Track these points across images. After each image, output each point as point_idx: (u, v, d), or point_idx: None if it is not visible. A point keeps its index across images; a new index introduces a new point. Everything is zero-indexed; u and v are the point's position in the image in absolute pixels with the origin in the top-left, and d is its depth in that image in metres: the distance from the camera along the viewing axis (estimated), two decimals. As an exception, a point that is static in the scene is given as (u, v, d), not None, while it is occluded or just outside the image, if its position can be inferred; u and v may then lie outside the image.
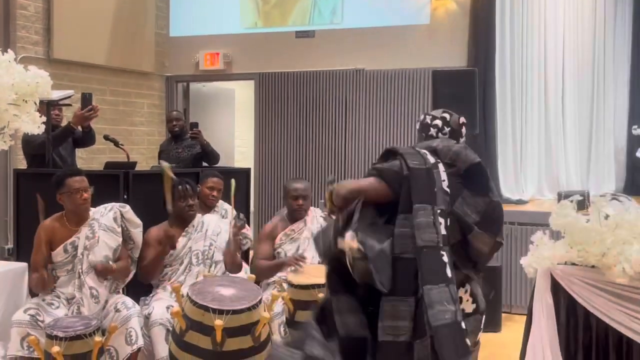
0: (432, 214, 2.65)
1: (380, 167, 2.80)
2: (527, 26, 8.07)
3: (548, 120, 8.17)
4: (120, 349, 3.83)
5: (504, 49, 7.90)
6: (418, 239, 2.62)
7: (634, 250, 3.98)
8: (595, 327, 4.15)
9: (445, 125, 3.01)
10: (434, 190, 2.69)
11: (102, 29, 8.07)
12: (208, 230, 4.46)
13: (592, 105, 8.26)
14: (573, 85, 8.24)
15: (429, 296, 2.57)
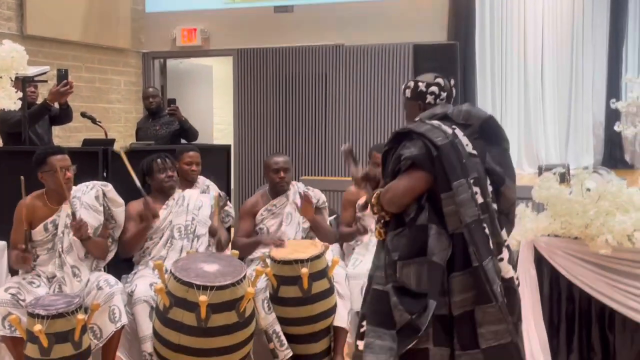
0: (468, 187, 2.66)
1: (411, 155, 2.72)
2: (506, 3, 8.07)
3: (527, 95, 8.23)
4: (103, 327, 3.79)
5: (483, 23, 7.92)
6: (465, 217, 2.64)
7: (616, 222, 4.01)
8: (578, 299, 4.19)
9: (442, 91, 2.94)
10: (463, 162, 2.68)
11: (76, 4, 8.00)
12: (189, 204, 4.43)
13: (571, 80, 8.33)
14: (552, 60, 8.30)
15: (484, 270, 2.63)
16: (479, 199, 2.66)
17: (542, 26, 8.24)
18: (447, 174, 2.65)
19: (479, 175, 2.70)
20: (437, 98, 2.93)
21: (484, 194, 2.70)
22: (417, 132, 2.73)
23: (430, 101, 2.92)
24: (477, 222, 2.64)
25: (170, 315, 3.73)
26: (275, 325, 4.09)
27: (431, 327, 2.64)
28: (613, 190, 4.17)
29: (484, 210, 2.67)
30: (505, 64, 8.10)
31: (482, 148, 2.79)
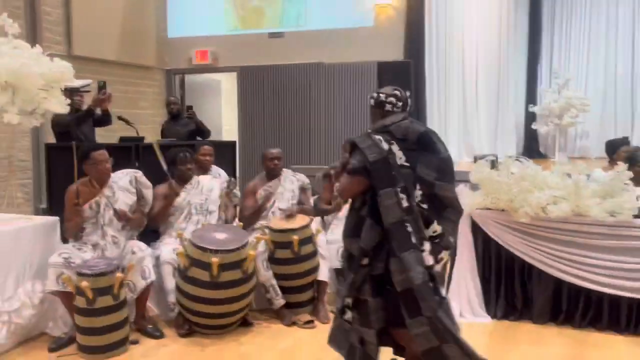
0: (394, 194, 2.58)
1: (353, 165, 2.68)
2: (449, 28, 8.08)
3: (465, 101, 8.25)
4: (137, 283, 3.77)
5: (431, 45, 7.90)
6: (387, 219, 2.58)
7: (534, 197, 4.05)
8: (505, 257, 4.22)
9: (398, 101, 2.85)
10: (392, 174, 2.61)
11: (112, 31, 7.89)
12: (203, 187, 4.40)
13: (498, 90, 8.37)
14: (484, 73, 8.34)
15: (407, 260, 2.55)
16: (404, 203, 2.57)
17: (476, 48, 8.26)
18: (376, 185, 2.61)
19: (407, 184, 2.62)
20: (394, 107, 2.83)
21: (409, 199, 2.61)
22: (359, 147, 2.68)
23: (388, 109, 2.83)
24: (399, 222, 2.57)
25: (189, 273, 3.73)
26: (272, 280, 4.11)
27: (368, 284, 2.64)
28: (531, 173, 4.20)
29: (408, 213, 2.58)
30: (448, 76, 8.10)
31: (415, 159, 2.69)
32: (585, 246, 3.93)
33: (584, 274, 3.92)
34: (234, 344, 3.76)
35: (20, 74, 3.57)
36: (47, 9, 6.88)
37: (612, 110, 8.18)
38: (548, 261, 4.03)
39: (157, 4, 8.85)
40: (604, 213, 3.87)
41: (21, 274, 3.72)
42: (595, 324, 3.97)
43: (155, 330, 3.87)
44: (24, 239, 3.76)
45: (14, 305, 3.60)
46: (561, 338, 3.84)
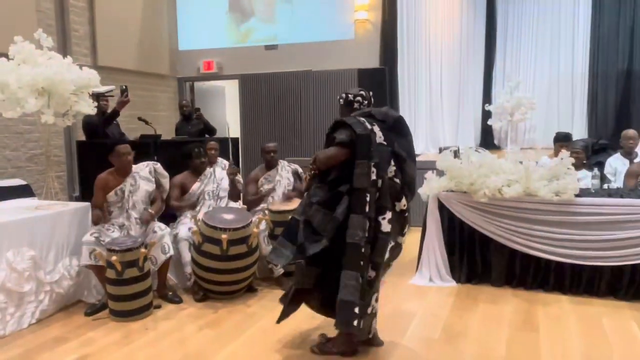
0: (367, 167, 2.62)
1: (341, 138, 2.67)
2: (417, 39, 8.05)
3: (431, 100, 8.23)
4: (158, 257, 3.76)
5: (403, 53, 7.87)
6: (355, 183, 2.63)
7: (491, 181, 4.07)
8: (467, 231, 4.23)
9: (364, 100, 2.92)
10: (371, 149, 2.64)
11: (132, 44, 7.79)
12: (215, 177, 4.38)
13: (459, 90, 8.36)
14: (447, 77, 8.32)
15: (353, 221, 2.61)
16: (372, 176, 2.62)
17: (440, 56, 8.24)
18: (357, 154, 2.63)
19: (381, 160, 2.66)
20: (361, 105, 2.90)
21: (379, 174, 2.64)
22: (347, 123, 2.70)
23: (356, 107, 2.89)
24: (362, 190, 2.60)
25: (203, 248, 3.72)
26: (272, 253, 4.10)
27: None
28: (488, 160, 4.22)
29: (372, 185, 2.62)
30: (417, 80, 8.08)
31: (392, 138, 2.76)
32: (535, 221, 3.97)
33: (533, 244, 3.97)
34: (242, 306, 3.77)
35: (54, 81, 3.52)
36: (75, 26, 6.77)
37: (555, 108, 8.25)
38: (503, 234, 4.06)
39: (170, 21, 8.74)
40: (551, 193, 3.91)
41: (60, 250, 3.70)
42: (544, 285, 4.02)
43: (175, 297, 3.88)
44: (62, 222, 3.74)
45: (55, 277, 3.59)
46: (515, 298, 3.88)
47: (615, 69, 7.72)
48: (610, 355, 2.92)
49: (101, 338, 3.25)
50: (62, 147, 6.59)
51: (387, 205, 2.68)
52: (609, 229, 3.78)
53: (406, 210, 2.79)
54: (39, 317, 3.49)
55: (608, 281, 3.85)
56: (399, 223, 2.78)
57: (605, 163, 5.24)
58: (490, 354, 2.96)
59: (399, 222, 2.78)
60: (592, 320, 3.43)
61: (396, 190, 2.72)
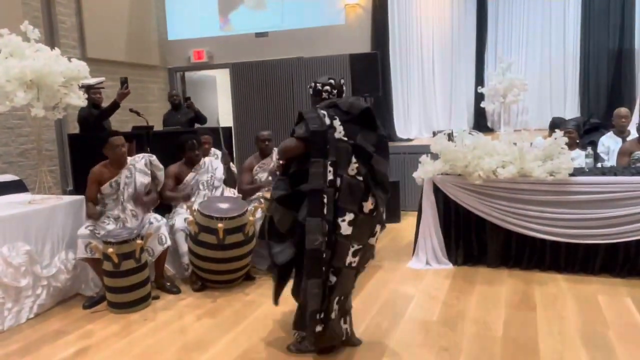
0: (322, 166, 2.48)
1: (298, 132, 2.57)
2: (409, 22, 7.99)
3: (424, 85, 8.20)
4: (154, 248, 3.76)
5: (394, 38, 7.80)
6: (309, 184, 2.50)
7: (485, 163, 4.08)
8: (462, 213, 4.25)
9: (333, 89, 2.79)
10: (327, 147, 2.50)
11: (120, 35, 7.70)
12: (209, 167, 4.35)
13: (452, 74, 8.35)
14: (439, 60, 8.29)
15: (310, 225, 2.48)
16: (329, 176, 2.48)
17: (432, 39, 8.20)
18: (312, 152, 2.52)
19: (339, 158, 2.50)
20: (330, 94, 2.78)
21: (337, 173, 2.49)
22: (304, 117, 2.60)
23: (325, 97, 2.77)
24: (318, 190, 2.47)
25: (199, 238, 3.73)
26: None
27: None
28: (482, 142, 4.22)
29: (330, 185, 2.48)
30: (409, 64, 8.02)
31: (355, 132, 2.56)
32: (530, 202, 3.99)
33: (528, 224, 3.99)
34: (240, 294, 3.78)
35: (43, 73, 3.46)
36: (62, 18, 6.67)
37: (548, 89, 8.26)
38: (499, 215, 4.08)
39: (158, 11, 8.63)
40: (545, 173, 3.93)
41: (56, 244, 3.70)
42: (540, 265, 4.05)
43: (173, 287, 3.88)
44: (57, 215, 3.73)
45: (52, 271, 3.58)
46: (511, 278, 3.91)
47: (607, 48, 7.73)
48: (606, 332, 2.95)
49: (100, 330, 3.25)
50: (53, 140, 6.53)
51: (348, 206, 2.51)
52: (603, 207, 3.81)
53: (375, 209, 2.58)
54: (37, 312, 3.49)
55: (603, 259, 3.89)
56: (367, 225, 2.59)
57: (598, 142, 5.26)
58: (487, 334, 2.98)
59: (367, 223, 2.59)
60: (588, 298, 3.46)
61: (360, 189, 2.53)
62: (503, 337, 2.93)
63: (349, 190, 2.51)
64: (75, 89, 3.78)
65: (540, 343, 2.84)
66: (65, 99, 3.67)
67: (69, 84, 3.69)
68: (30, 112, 3.56)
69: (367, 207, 2.56)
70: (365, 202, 2.55)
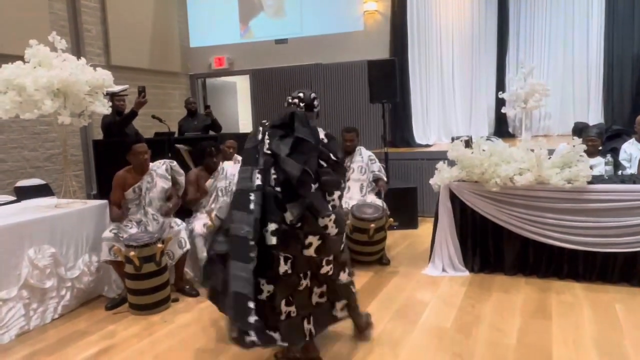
0: (250, 171, 2.55)
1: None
2: (428, 28, 8.02)
3: (443, 90, 8.21)
4: (175, 252, 3.87)
5: (413, 44, 7.85)
6: (237, 185, 2.60)
7: (502, 170, 4.08)
8: (479, 220, 4.25)
9: (300, 102, 2.84)
10: (256, 157, 2.58)
11: (144, 43, 7.91)
12: (227, 173, 4.43)
13: (472, 79, 8.32)
14: (459, 66, 8.27)
15: (234, 216, 2.51)
16: (256, 181, 2.52)
17: (452, 44, 8.21)
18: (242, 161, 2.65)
19: (266, 167, 2.55)
20: (298, 107, 2.81)
21: (264, 179, 2.53)
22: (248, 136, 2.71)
23: (293, 109, 2.79)
24: (245, 191, 2.52)
25: (217, 242, 3.79)
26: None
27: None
28: (499, 149, 4.22)
29: (257, 189, 2.50)
30: (428, 70, 8.06)
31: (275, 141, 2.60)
32: (547, 209, 3.98)
33: (546, 232, 3.98)
34: (257, 299, 3.85)
35: (69, 82, 3.62)
36: (88, 27, 6.90)
37: (570, 94, 8.18)
38: (516, 223, 4.08)
39: (180, 19, 8.85)
40: (562, 181, 3.91)
41: (80, 247, 3.83)
42: (557, 273, 4.03)
43: (192, 290, 3.98)
44: (81, 219, 3.86)
45: (75, 273, 3.72)
46: (528, 286, 3.91)
47: (631, 53, 7.62)
48: (621, 341, 2.95)
49: (122, 331, 3.38)
50: (79, 146, 6.75)
51: (271, 216, 2.51)
52: (622, 215, 3.79)
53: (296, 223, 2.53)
54: (62, 312, 3.63)
55: (621, 267, 3.86)
56: (292, 236, 2.54)
57: (620, 149, 5.22)
58: (501, 341, 3.01)
59: (292, 235, 2.54)
60: (605, 307, 3.45)
61: (278, 199, 2.53)
62: (517, 345, 2.95)
63: (272, 200, 2.53)
64: (100, 97, 3.93)
65: (554, 352, 2.85)
66: (91, 107, 3.83)
67: (94, 92, 3.84)
68: (57, 120, 3.72)
69: (287, 219, 2.54)
70: (285, 213, 2.54)
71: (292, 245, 2.57)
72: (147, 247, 3.56)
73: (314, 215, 2.58)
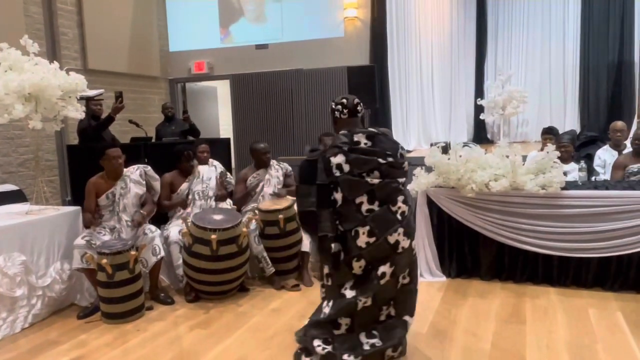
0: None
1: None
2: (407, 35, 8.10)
3: (422, 96, 8.28)
4: (148, 259, 3.82)
5: (393, 51, 7.93)
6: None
7: (477, 176, 4.11)
8: (456, 226, 4.28)
9: (344, 108, 2.78)
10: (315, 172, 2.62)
11: (122, 47, 7.84)
12: (204, 177, 4.41)
13: (451, 86, 8.42)
14: (438, 72, 8.37)
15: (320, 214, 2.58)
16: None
17: (431, 51, 8.30)
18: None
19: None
20: (341, 114, 2.78)
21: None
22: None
23: (337, 116, 2.79)
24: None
25: (193, 249, 3.77)
26: (263, 252, 4.14)
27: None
28: (475, 155, 4.25)
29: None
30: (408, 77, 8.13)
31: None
32: (522, 215, 4.02)
33: (521, 238, 4.02)
34: (233, 305, 3.82)
35: (41, 86, 3.56)
36: (64, 30, 6.82)
37: (547, 101, 8.32)
38: (491, 228, 4.11)
39: (159, 23, 8.80)
40: (537, 187, 3.95)
41: (51, 255, 3.76)
42: (532, 278, 4.08)
43: (167, 298, 3.93)
44: (53, 226, 3.79)
45: (47, 281, 3.64)
46: (504, 291, 3.94)
47: (606, 62, 7.79)
48: (593, 346, 2.99)
49: (94, 340, 3.31)
50: (54, 151, 6.64)
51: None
52: (595, 221, 3.84)
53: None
54: (32, 321, 3.55)
55: (595, 272, 3.92)
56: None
57: (594, 155, 5.31)
58: (476, 346, 3.02)
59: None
60: (578, 312, 3.49)
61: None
62: (491, 350, 2.97)
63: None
64: (73, 101, 3.87)
65: (527, 356, 2.87)
66: (63, 112, 3.77)
67: (67, 96, 3.78)
68: (29, 125, 3.65)
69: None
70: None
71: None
72: (120, 254, 3.51)
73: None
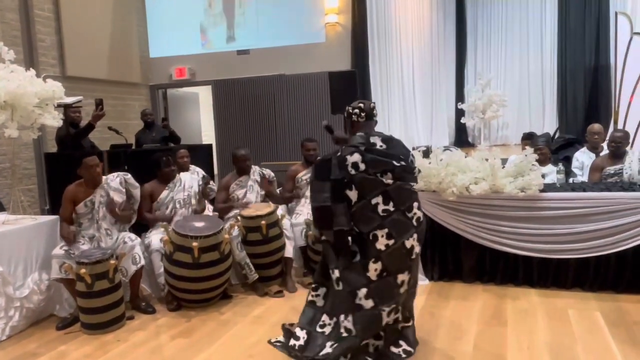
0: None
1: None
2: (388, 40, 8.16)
3: (404, 101, 8.35)
4: (128, 268, 3.78)
5: (374, 56, 7.98)
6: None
7: (458, 179, 4.13)
8: (438, 229, 4.29)
9: (362, 112, 2.81)
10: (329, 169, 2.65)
11: (101, 53, 7.77)
12: (185, 184, 4.37)
13: (432, 90, 8.51)
14: (419, 77, 8.45)
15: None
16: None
17: (412, 57, 8.38)
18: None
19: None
20: (359, 117, 2.81)
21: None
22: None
23: (354, 119, 2.82)
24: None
25: (174, 257, 3.74)
26: (246, 259, 4.12)
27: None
28: (456, 159, 4.28)
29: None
30: (389, 82, 8.20)
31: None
32: (502, 217, 4.05)
33: (501, 240, 4.05)
34: (216, 313, 3.79)
35: (17, 94, 3.52)
36: (41, 37, 6.73)
37: (527, 104, 8.46)
38: (472, 231, 4.15)
39: (139, 29, 8.74)
40: (516, 189, 4.00)
41: (29, 265, 3.69)
42: (513, 280, 4.11)
43: (148, 307, 3.89)
44: (31, 236, 3.73)
45: (25, 292, 3.58)
46: (486, 293, 3.98)
47: (583, 66, 7.95)
48: (573, 346, 3.03)
49: (73, 351, 3.26)
50: (32, 159, 6.54)
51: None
52: (573, 223, 3.89)
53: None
54: (10, 334, 3.48)
55: (574, 273, 3.97)
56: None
57: (572, 157, 5.39)
58: (458, 348, 3.04)
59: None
60: (558, 312, 3.54)
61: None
62: (473, 352, 2.99)
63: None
64: (51, 109, 3.83)
65: (508, 357, 2.90)
66: (40, 120, 3.72)
67: (44, 104, 3.74)
68: (5, 133, 3.59)
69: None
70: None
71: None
72: (99, 263, 3.46)
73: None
